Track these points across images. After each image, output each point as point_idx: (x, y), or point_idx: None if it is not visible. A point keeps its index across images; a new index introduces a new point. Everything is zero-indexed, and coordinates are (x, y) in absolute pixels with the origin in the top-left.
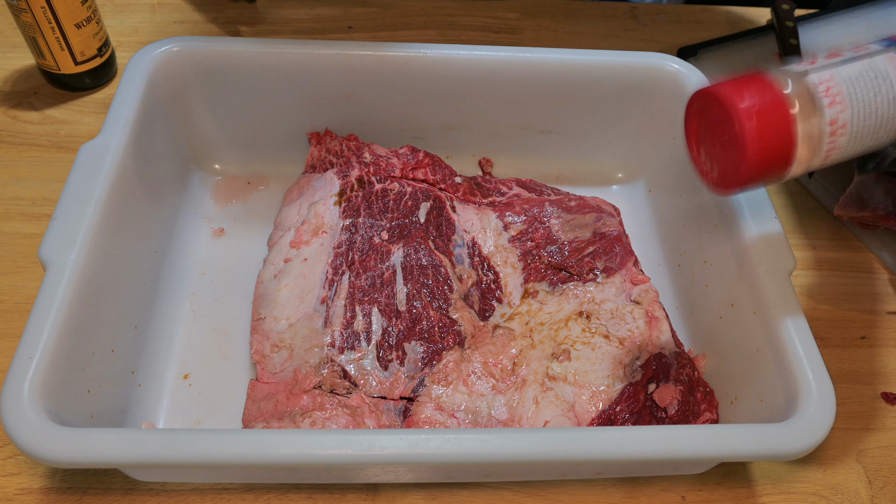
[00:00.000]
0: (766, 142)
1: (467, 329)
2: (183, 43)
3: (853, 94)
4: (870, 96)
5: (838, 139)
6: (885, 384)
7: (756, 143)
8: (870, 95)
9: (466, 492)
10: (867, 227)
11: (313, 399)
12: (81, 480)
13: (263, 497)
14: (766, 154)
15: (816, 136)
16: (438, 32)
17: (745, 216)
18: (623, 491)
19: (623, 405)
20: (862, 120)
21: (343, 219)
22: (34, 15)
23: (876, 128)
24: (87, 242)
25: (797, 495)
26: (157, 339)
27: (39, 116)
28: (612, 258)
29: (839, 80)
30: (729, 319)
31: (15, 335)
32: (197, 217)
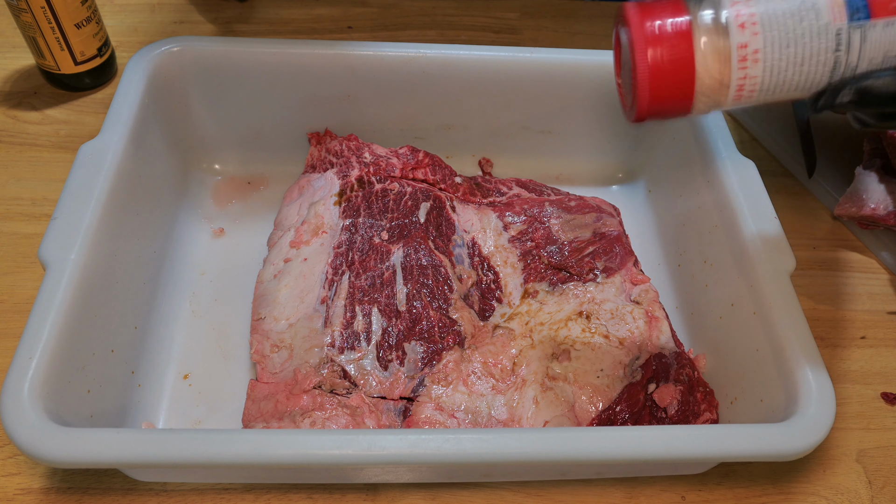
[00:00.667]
0: (660, 65)
1: (467, 329)
2: (183, 43)
3: (771, 19)
4: (790, 24)
5: (750, 69)
6: (885, 384)
7: (649, 65)
8: (790, 23)
9: (466, 492)
10: (867, 227)
11: (313, 399)
12: (81, 480)
13: (263, 497)
14: (662, 78)
15: (723, 63)
16: (438, 32)
17: (745, 216)
18: (623, 491)
19: (623, 405)
20: (780, 50)
21: (343, 219)
22: (34, 15)
23: (799, 61)
24: (87, 242)
25: (797, 495)
26: (157, 339)
27: (39, 116)
28: (612, 258)
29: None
30: (729, 319)
31: (15, 335)
32: (197, 217)
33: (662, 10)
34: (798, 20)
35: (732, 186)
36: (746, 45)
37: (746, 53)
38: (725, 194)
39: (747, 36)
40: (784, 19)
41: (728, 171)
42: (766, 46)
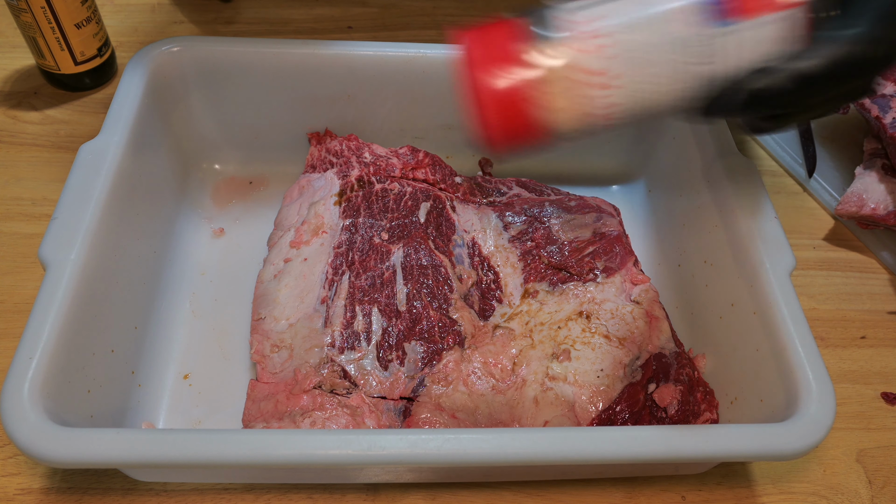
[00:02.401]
0: (501, 103)
1: (467, 329)
2: (183, 43)
3: (626, 38)
4: (649, 40)
5: (613, 96)
6: (885, 384)
7: (492, 104)
8: (649, 39)
9: (466, 492)
10: (867, 227)
11: (313, 399)
12: (81, 480)
13: (263, 497)
14: (507, 118)
15: (579, 92)
16: (438, 32)
17: (745, 216)
18: (623, 491)
19: (623, 405)
20: (641, 70)
21: (343, 219)
22: (34, 15)
23: (665, 79)
24: (87, 242)
25: (797, 495)
26: (157, 339)
27: (39, 116)
28: (612, 258)
29: (607, 21)
30: (729, 319)
31: (15, 335)
32: (197, 217)
33: (499, 41)
34: (657, 34)
35: (732, 186)
36: (604, 72)
37: (604, 81)
38: (725, 194)
39: (602, 61)
40: (641, 36)
41: (728, 171)
42: (624, 69)
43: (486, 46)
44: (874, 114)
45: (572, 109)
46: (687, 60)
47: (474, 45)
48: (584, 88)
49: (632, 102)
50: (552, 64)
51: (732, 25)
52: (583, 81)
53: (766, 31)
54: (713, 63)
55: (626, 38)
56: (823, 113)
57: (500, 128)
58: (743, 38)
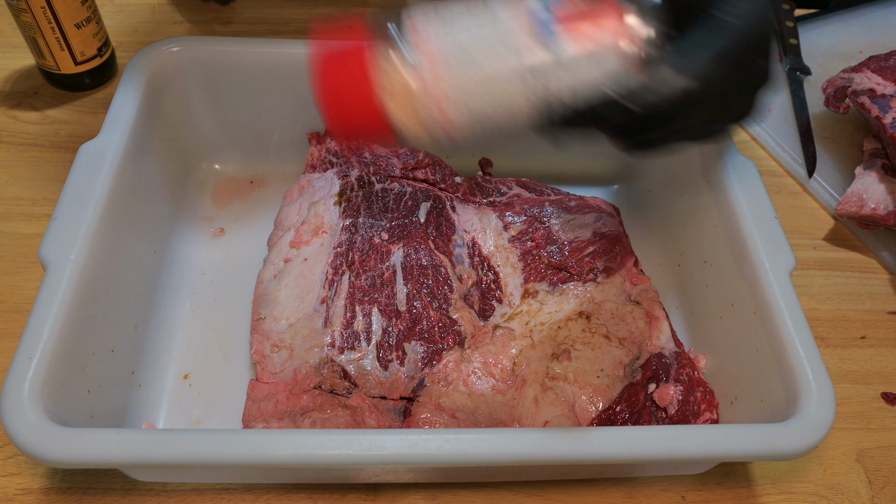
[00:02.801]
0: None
1: (467, 329)
2: (183, 43)
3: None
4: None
5: (448, 107)
6: (885, 384)
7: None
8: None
9: (466, 492)
10: (867, 227)
11: (313, 399)
12: (81, 480)
13: (263, 497)
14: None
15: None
16: None
17: (744, 216)
18: (623, 491)
19: (623, 405)
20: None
21: (343, 219)
22: (34, 15)
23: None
24: (87, 242)
25: (797, 495)
26: (157, 339)
27: (39, 116)
28: (612, 258)
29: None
30: (729, 319)
31: (15, 335)
32: (197, 217)
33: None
34: (498, 63)
35: (732, 186)
36: (446, 98)
37: (440, 97)
38: (725, 194)
39: (438, 78)
40: (476, 55)
41: (728, 171)
42: (459, 88)
43: (336, 52)
44: (874, 114)
45: (412, 121)
46: (520, 83)
47: (325, 48)
48: (422, 103)
49: (472, 124)
50: (393, 77)
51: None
52: (421, 96)
53: (601, 65)
54: (547, 87)
55: (462, 57)
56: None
57: (343, 132)
58: (578, 70)
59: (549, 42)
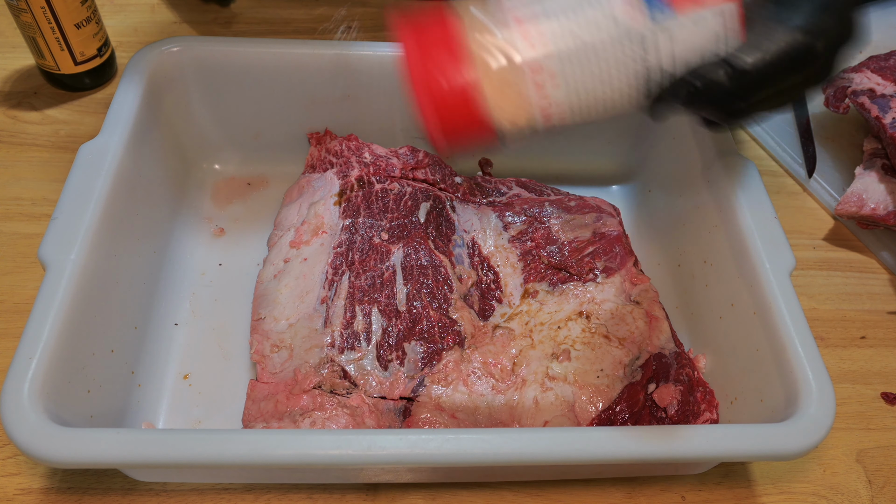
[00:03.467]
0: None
1: (467, 329)
2: (183, 43)
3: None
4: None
5: (552, 94)
6: (885, 384)
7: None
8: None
9: (466, 492)
10: (867, 227)
11: (313, 399)
12: (81, 480)
13: (263, 497)
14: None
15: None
16: None
17: (745, 216)
18: (623, 491)
19: (623, 405)
20: (580, 67)
21: (343, 219)
22: (34, 15)
23: (604, 76)
24: (87, 242)
25: (797, 495)
26: (157, 339)
27: (39, 116)
28: (611, 258)
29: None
30: (729, 319)
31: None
32: (197, 217)
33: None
34: (595, 31)
35: (732, 186)
36: (541, 69)
37: (542, 79)
38: (725, 194)
39: (539, 58)
40: (578, 31)
41: (728, 171)
42: (562, 66)
43: (425, 44)
44: (874, 114)
45: (511, 109)
46: (623, 56)
47: (413, 42)
48: (522, 87)
49: (570, 99)
50: (490, 63)
51: (666, 20)
52: (521, 80)
53: (700, 26)
54: (649, 58)
55: (563, 35)
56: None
57: (440, 127)
58: (677, 33)
59: (646, 5)
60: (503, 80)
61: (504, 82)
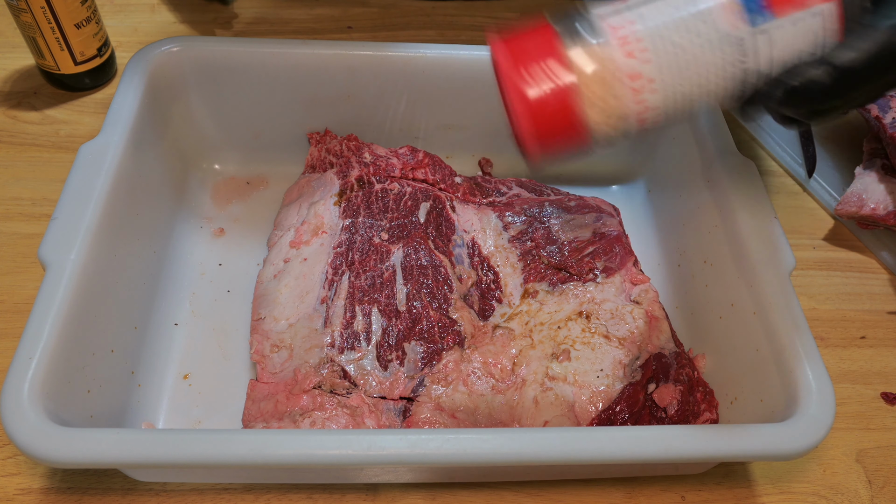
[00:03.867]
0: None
1: (467, 329)
2: (183, 43)
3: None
4: (684, 42)
5: (648, 99)
6: (885, 384)
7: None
8: (684, 40)
9: (466, 492)
10: (867, 227)
11: (313, 399)
12: (81, 480)
13: (263, 497)
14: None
15: (614, 96)
16: (438, 32)
17: (744, 216)
18: (623, 491)
19: (623, 405)
20: (677, 72)
21: (343, 219)
22: (34, 15)
23: (701, 80)
24: (87, 242)
25: (797, 495)
26: (157, 339)
27: (39, 116)
28: (611, 258)
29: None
30: (729, 319)
31: (15, 335)
32: (197, 217)
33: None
34: (693, 37)
35: (732, 186)
36: (639, 75)
37: (640, 84)
38: (725, 194)
39: (637, 64)
40: (677, 38)
41: (728, 171)
42: (660, 72)
43: (521, 51)
44: (874, 114)
45: (607, 114)
46: (722, 60)
47: (509, 49)
48: (620, 93)
49: (667, 104)
50: (587, 69)
51: (766, 23)
52: (618, 86)
53: (799, 27)
54: (747, 62)
55: (661, 42)
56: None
57: (535, 133)
58: (777, 35)
59: (745, 11)
60: (600, 87)
61: (601, 88)
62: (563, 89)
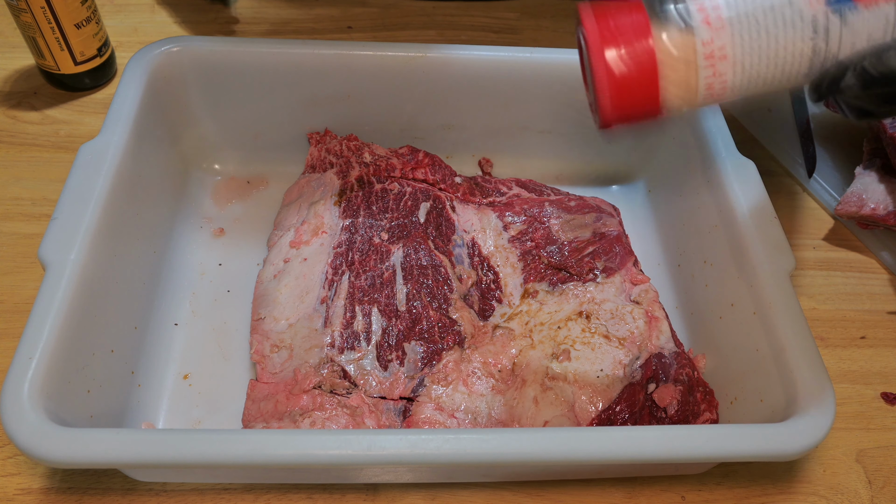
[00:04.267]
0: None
1: (467, 329)
2: (183, 43)
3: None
4: (760, 15)
5: (718, 67)
6: (885, 384)
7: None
8: (760, 14)
9: (466, 492)
10: (867, 227)
11: (313, 399)
12: (81, 480)
13: (263, 497)
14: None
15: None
16: (438, 32)
17: (744, 216)
18: (623, 491)
19: (623, 405)
20: (749, 44)
21: (343, 219)
22: (34, 15)
23: (772, 55)
24: (87, 242)
25: (797, 495)
26: (157, 339)
27: (39, 116)
28: (611, 258)
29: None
30: (729, 319)
31: (15, 335)
32: (197, 217)
33: (619, 10)
34: (769, 9)
35: (732, 186)
36: (712, 42)
37: (712, 51)
38: (725, 194)
39: (712, 32)
40: (753, 10)
41: (728, 171)
42: (733, 42)
43: (611, 26)
44: None
45: (682, 86)
46: (802, 44)
47: (599, 23)
48: (696, 66)
49: (744, 82)
50: (670, 43)
51: (844, 6)
52: (701, 66)
53: (877, 13)
54: (823, 45)
55: (746, 23)
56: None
57: (616, 107)
58: (861, 22)
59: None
60: (684, 66)
61: (684, 68)
62: (648, 66)
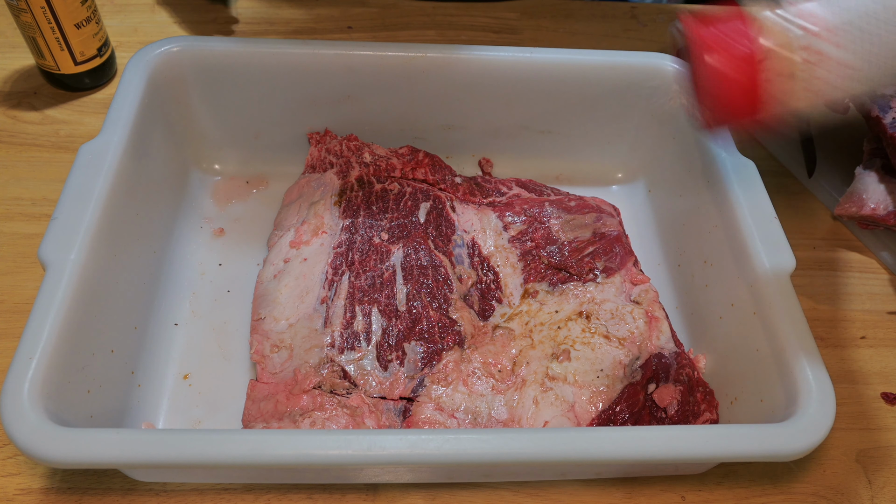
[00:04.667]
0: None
1: (467, 329)
2: (183, 43)
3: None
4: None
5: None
6: (885, 384)
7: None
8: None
9: (466, 492)
10: (867, 227)
11: (313, 399)
12: (81, 480)
13: (263, 497)
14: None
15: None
16: (438, 32)
17: (744, 216)
18: (623, 491)
19: (623, 405)
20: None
21: (343, 219)
22: (34, 15)
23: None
24: (87, 242)
25: (797, 495)
26: (157, 339)
27: (39, 116)
28: (611, 258)
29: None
30: (729, 319)
31: (15, 335)
32: (197, 217)
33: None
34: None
35: (732, 186)
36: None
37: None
38: (725, 194)
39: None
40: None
41: (728, 171)
42: (847, 60)
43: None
44: (874, 114)
45: (796, 96)
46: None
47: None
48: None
49: (855, 88)
50: (783, 52)
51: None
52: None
53: None
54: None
55: (851, 30)
56: None
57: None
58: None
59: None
60: (788, 67)
61: (790, 69)
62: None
